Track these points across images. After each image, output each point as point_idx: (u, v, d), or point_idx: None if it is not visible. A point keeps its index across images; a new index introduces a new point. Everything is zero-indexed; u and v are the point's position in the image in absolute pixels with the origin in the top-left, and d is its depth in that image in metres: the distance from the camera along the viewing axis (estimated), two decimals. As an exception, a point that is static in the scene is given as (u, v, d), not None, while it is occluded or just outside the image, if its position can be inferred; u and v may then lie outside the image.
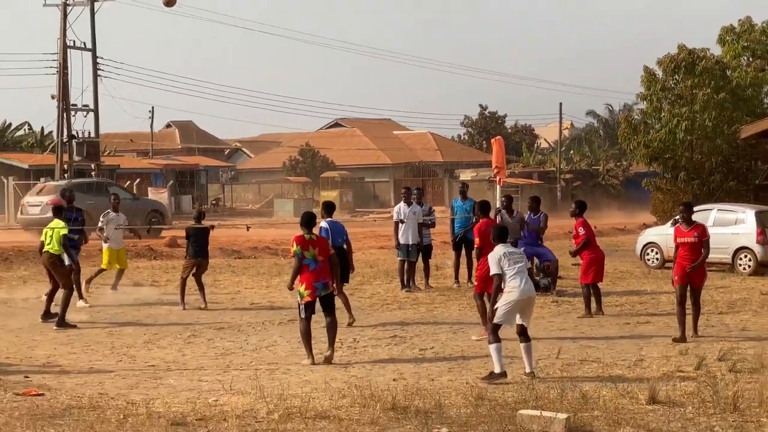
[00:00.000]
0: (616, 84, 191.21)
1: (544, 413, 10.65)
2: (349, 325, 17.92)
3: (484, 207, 18.23)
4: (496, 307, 13.47)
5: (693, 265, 16.73)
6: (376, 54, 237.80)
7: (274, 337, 17.26)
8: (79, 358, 15.49)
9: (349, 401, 11.88)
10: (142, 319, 19.71)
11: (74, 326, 18.42)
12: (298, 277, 14.91)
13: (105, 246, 22.94)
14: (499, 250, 13.67)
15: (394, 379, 13.42)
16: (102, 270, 23.24)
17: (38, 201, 41.97)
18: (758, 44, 43.88)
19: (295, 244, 14.89)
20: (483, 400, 11.82)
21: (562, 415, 10.54)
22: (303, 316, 14.91)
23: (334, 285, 15.42)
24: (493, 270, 13.57)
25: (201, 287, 21.21)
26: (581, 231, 20.02)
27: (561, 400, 11.68)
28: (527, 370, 13.45)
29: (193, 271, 21.38)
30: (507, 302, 13.38)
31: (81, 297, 21.19)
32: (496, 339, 13.28)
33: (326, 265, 14.94)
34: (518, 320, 13.58)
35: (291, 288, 15.54)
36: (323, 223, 18.15)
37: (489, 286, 14.50)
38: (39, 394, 12.53)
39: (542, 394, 12.05)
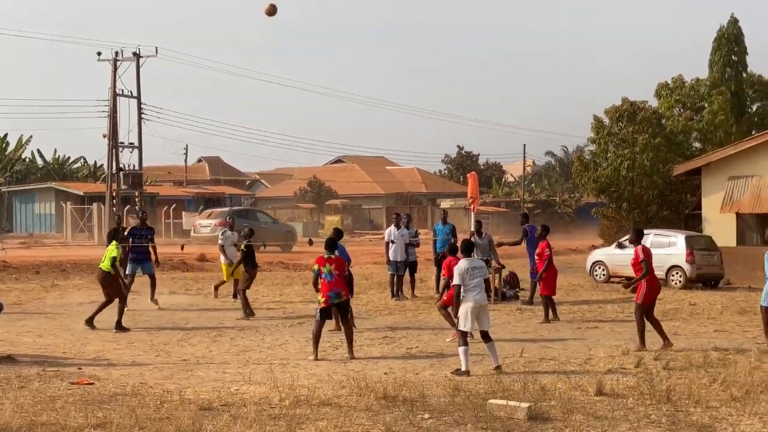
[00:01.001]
0: (570, 129, 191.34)
1: (509, 402, 10.62)
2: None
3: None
4: (457, 315, 13.52)
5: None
6: (372, 103, 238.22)
7: (286, 336, 17.20)
8: (123, 353, 15.43)
9: (348, 391, 11.83)
10: (177, 321, 19.64)
11: (128, 329, 18.23)
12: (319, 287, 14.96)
13: (223, 260, 22.70)
14: (464, 264, 13.64)
15: (385, 373, 13.37)
16: (223, 282, 23.02)
17: (208, 223, 45.77)
18: (688, 98, 44.01)
19: (316, 264, 14.96)
20: (459, 391, 11.77)
21: (525, 404, 10.51)
22: (318, 318, 14.94)
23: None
24: (455, 281, 13.57)
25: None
26: (547, 251, 20.02)
27: (524, 392, 11.63)
28: (494, 364, 13.46)
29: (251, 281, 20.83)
30: (464, 310, 13.44)
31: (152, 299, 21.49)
32: (464, 343, 13.37)
33: (341, 279, 14.94)
34: (480, 326, 13.60)
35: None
36: None
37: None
38: (90, 383, 12.48)
39: (508, 386, 12.01)
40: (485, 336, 13.65)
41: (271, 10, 20.02)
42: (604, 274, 29.88)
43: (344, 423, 10.07)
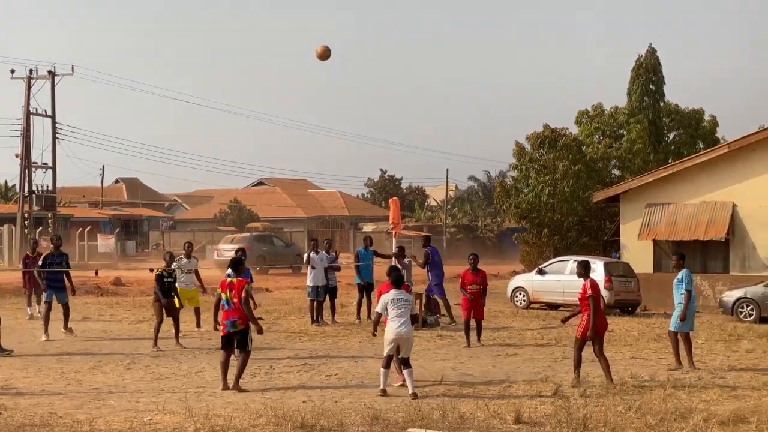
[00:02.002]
0: (492, 154, 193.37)
1: (428, 431, 10.65)
2: None
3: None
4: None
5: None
6: (294, 125, 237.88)
7: (203, 364, 17.02)
8: (32, 382, 15.10)
9: (265, 420, 11.75)
10: (89, 348, 19.30)
11: (10, 352, 17.86)
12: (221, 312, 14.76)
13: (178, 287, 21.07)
14: (390, 295, 14.03)
15: (303, 401, 13.31)
16: (179, 308, 21.86)
17: (231, 247, 45.18)
18: (607, 126, 44.84)
19: (219, 287, 14.86)
20: (378, 420, 11.78)
21: (443, 433, 10.56)
22: (221, 347, 14.81)
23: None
24: (378, 309, 14.14)
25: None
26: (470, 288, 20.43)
27: (442, 420, 11.69)
28: (410, 391, 13.63)
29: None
30: (386, 339, 13.96)
31: (46, 332, 20.55)
32: (386, 365, 13.89)
33: (238, 307, 14.46)
34: (401, 354, 13.97)
35: (215, 326, 15.50)
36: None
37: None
38: (-3, 413, 12.20)
39: (427, 414, 12.05)
40: (405, 363, 13.92)
41: (324, 54, 19.75)
42: (524, 300, 30.19)
43: (260, 453, 9.99)
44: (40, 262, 21.42)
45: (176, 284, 20.00)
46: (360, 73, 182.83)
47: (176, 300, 19.78)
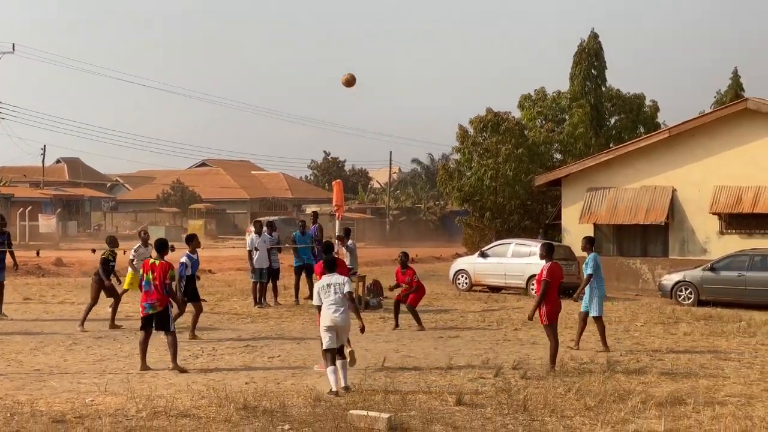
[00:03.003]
0: (436, 137, 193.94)
1: (370, 413, 10.68)
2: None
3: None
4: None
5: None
6: (238, 106, 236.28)
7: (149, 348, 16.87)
8: (-28, 363, 14.89)
9: (207, 401, 11.71)
10: (30, 328, 19.05)
11: None
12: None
13: (130, 270, 20.80)
14: (322, 281, 13.21)
15: (246, 383, 13.27)
16: (125, 290, 20.92)
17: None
18: (549, 110, 45.18)
19: (141, 268, 14.70)
20: (320, 402, 11.80)
21: (385, 415, 10.59)
22: (140, 327, 14.73)
23: (173, 307, 14.92)
24: (314, 301, 13.24)
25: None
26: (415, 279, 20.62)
27: (384, 402, 11.73)
28: (342, 384, 12.68)
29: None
30: (322, 329, 13.00)
31: None
32: (331, 362, 12.75)
33: (160, 289, 14.38)
34: (333, 343, 12.91)
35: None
36: (183, 258, 17.76)
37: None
38: (-65, 395, 12.01)
39: (369, 396, 12.10)
40: (340, 352, 12.96)
41: (351, 81, 20.52)
42: (466, 283, 30.37)
43: (203, 435, 9.96)
44: None
45: (129, 268, 20.22)
46: (304, 55, 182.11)
47: (118, 281, 19.71)
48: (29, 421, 10.41)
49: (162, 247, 14.89)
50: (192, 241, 18.33)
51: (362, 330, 13.25)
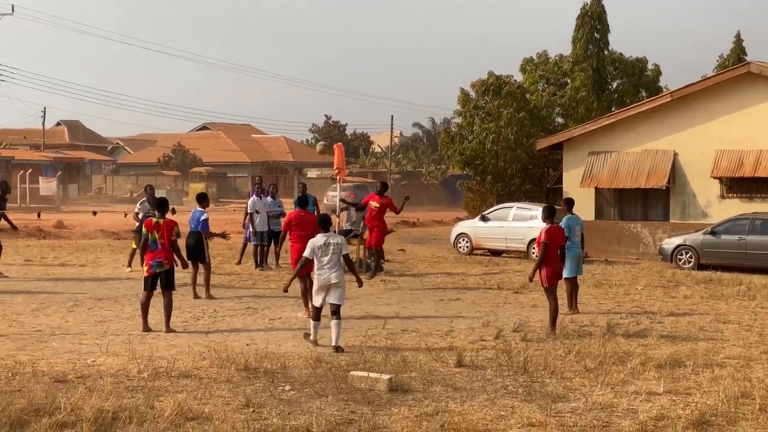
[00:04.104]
0: (437, 101, 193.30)
1: (370, 374, 10.73)
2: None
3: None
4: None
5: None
6: (238, 69, 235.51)
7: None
8: (-27, 324, 14.94)
9: (209, 362, 11.75)
10: (31, 289, 19.10)
11: None
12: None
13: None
14: (318, 240, 13.31)
15: (247, 344, 13.32)
16: (134, 249, 21.53)
17: (338, 194, 48.82)
18: (551, 74, 44.94)
19: (144, 227, 14.72)
20: (321, 363, 11.83)
21: (386, 376, 10.63)
22: (143, 289, 14.75)
23: (179, 264, 15.07)
24: (306, 253, 13.37)
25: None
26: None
27: (385, 363, 11.77)
28: (333, 343, 12.87)
29: None
30: (315, 288, 13.30)
31: None
32: (316, 318, 13.25)
33: (166, 247, 14.53)
34: (329, 300, 13.17)
35: (142, 264, 15.65)
36: (204, 215, 18.36)
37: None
38: (-63, 355, 12.05)
39: (370, 358, 12.14)
40: (335, 312, 13.11)
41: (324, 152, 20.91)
42: (467, 246, 30.40)
43: (204, 395, 10.00)
44: None
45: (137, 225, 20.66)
46: (306, 19, 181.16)
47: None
48: (30, 381, 10.45)
49: (163, 205, 14.96)
50: (204, 199, 18.85)
51: (360, 284, 13.80)
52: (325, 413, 9.32)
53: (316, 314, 13.30)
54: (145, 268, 14.65)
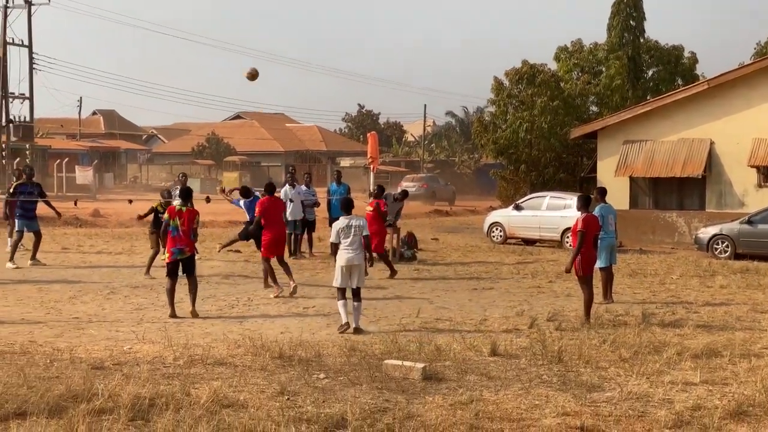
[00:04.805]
0: (470, 90, 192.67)
1: (405, 363, 10.73)
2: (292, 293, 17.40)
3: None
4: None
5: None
6: (272, 58, 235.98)
7: (181, 294, 16.87)
8: (12, 311, 15.10)
9: (243, 350, 11.80)
10: (69, 277, 19.28)
11: None
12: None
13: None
14: (341, 222, 13.97)
15: (281, 333, 13.37)
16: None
17: (413, 184, 57.13)
18: (586, 62, 44.63)
19: (167, 214, 14.98)
20: (355, 352, 11.85)
21: (420, 365, 10.63)
22: (166, 275, 15.04)
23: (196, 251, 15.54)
24: (332, 239, 14.00)
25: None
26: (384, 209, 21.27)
27: (419, 352, 11.77)
28: (353, 325, 13.55)
29: None
30: (337, 268, 13.80)
31: (11, 259, 20.61)
32: (342, 297, 13.75)
33: (187, 234, 14.94)
34: (353, 284, 13.79)
35: (163, 251, 16.36)
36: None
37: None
38: (-24, 342, 12.20)
39: (404, 346, 12.13)
40: (356, 294, 13.80)
41: (254, 75, 21.89)
42: (501, 236, 30.30)
43: (239, 383, 10.04)
44: (11, 191, 21.38)
45: None
46: (339, 8, 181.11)
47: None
48: (68, 368, 10.55)
49: (187, 194, 15.39)
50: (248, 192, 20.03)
51: (371, 264, 14.20)
52: (360, 401, 9.34)
53: (342, 294, 13.74)
54: (167, 255, 14.89)
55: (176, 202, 15.68)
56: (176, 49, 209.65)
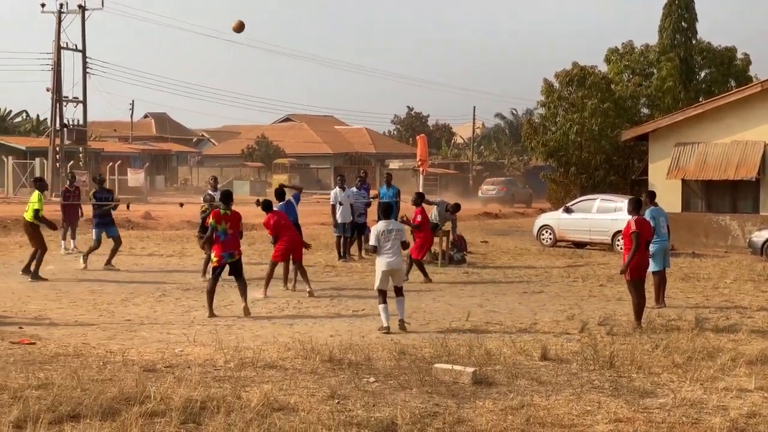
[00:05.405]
0: (520, 92, 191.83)
1: (455, 367, 10.68)
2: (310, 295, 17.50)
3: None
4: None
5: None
6: (321, 61, 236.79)
7: (231, 297, 17.07)
8: (66, 313, 15.29)
9: (293, 353, 11.82)
10: (121, 280, 19.47)
11: (46, 279, 18.89)
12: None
13: None
14: (380, 226, 14.25)
15: (331, 336, 13.38)
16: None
17: (492, 187, 61.75)
18: (637, 64, 44.26)
19: (211, 218, 15.03)
20: (404, 355, 11.81)
21: (470, 369, 10.57)
22: (212, 276, 15.17)
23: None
24: (372, 242, 14.27)
25: None
26: (419, 218, 20.52)
27: (469, 356, 11.71)
28: (399, 317, 14.02)
29: None
30: (377, 271, 14.18)
31: (85, 261, 20.97)
32: (383, 301, 14.00)
33: (235, 238, 15.12)
34: (394, 283, 14.20)
35: (202, 247, 16.78)
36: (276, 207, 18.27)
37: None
38: (31, 343, 12.34)
39: (454, 350, 12.07)
40: (398, 292, 14.16)
41: (239, 27, 20.96)
42: (551, 239, 30.11)
43: (289, 386, 10.06)
44: (92, 199, 21.76)
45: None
46: (387, 10, 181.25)
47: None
48: (121, 370, 10.63)
49: (228, 197, 15.47)
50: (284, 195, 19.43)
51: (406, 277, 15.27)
52: (410, 405, 9.30)
53: (383, 298, 14.00)
54: (215, 259, 14.95)
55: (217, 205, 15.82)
56: (226, 52, 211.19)
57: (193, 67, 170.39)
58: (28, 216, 19.51)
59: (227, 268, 15.25)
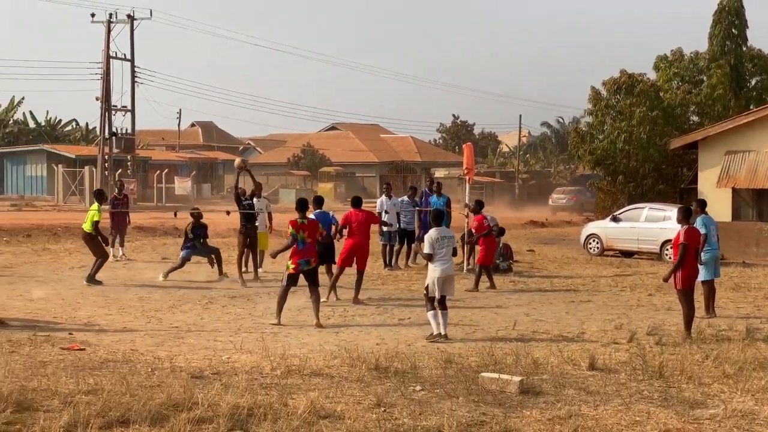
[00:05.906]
0: (566, 100, 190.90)
1: (501, 376, 10.63)
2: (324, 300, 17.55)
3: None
4: (426, 283, 14.17)
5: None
6: (367, 70, 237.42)
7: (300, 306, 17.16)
8: (114, 319, 15.45)
9: (339, 361, 11.84)
10: (168, 287, 19.63)
11: (100, 283, 19.35)
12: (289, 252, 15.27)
13: (260, 229, 21.75)
14: (434, 234, 14.16)
15: (377, 344, 13.39)
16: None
17: (563, 196, 63.31)
18: (686, 71, 43.92)
19: (290, 227, 15.07)
20: (451, 364, 11.78)
21: (517, 378, 10.52)
22: (284, 283, 15.19)
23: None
24: (427, 249, 14.11)
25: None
26: (485, 223, 20.75)
27: (516, 365, 11.66)
28: (441, 331, 13.82)
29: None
30: (431, 278, 14.00)
31: (166, 276, 20.95)
32: (432, 308, 13.98)
33: (313, 246, 15.16)
34: (446, 292, 14.06)
35: (273, 256, 16.67)
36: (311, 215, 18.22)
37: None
38: (81, 349, 12.48)
39: (500, 359, 12.03)
40: (441, 303, 14.00)
41: (241, 165, 22.85)
42: (598, 247, 29.93)
43: (336, 394, 10.07)
44: (189, 234, 21.44)
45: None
46: (433, 19, 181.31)
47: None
48: (169, 376, 10.71)
49: (303, 206, 15.58)
50: (322, 202, 19.41)
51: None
52: (456, 414, 9.27)
53: (432, 305, 13.97)
54: (292, 266, 14.98)
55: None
56: (273, 61, 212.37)
57: (240, 76, 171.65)
58: (87, 227, 19.79)
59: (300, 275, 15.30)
